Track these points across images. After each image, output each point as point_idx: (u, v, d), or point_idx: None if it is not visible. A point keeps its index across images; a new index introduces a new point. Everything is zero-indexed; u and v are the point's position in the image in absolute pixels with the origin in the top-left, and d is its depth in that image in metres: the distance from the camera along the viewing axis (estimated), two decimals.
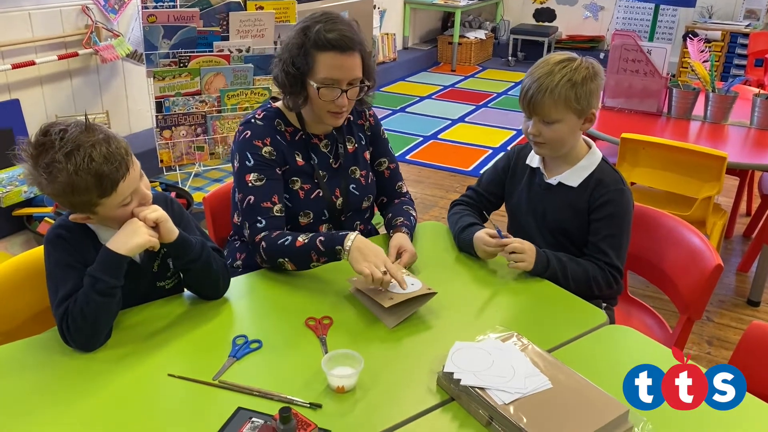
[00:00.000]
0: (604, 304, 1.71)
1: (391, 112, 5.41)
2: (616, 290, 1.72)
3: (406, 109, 5.51)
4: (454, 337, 1.28)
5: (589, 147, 1.70)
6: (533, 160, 1.75)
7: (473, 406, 1.13)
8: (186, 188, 3.53)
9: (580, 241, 1.70)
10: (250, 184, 1.60)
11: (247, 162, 1.61)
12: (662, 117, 3.01)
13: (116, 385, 1.20)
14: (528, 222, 1.75)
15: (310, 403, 1.15)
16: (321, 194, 1.70)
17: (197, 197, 3.43)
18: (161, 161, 3.42)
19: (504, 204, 1.87)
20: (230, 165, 1.75)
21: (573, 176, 1.67)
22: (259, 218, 1.58)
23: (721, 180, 2.40)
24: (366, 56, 1.60)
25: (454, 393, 1.18)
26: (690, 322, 1.70)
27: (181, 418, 1.14)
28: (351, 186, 1.75)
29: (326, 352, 1.28)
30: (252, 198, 1.59)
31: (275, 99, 1.72)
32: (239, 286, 1.53)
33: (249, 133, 1.63)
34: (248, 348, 1.30)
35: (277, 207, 1.60)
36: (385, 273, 1.40)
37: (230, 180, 1.73)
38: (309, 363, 1.25)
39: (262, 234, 1.57)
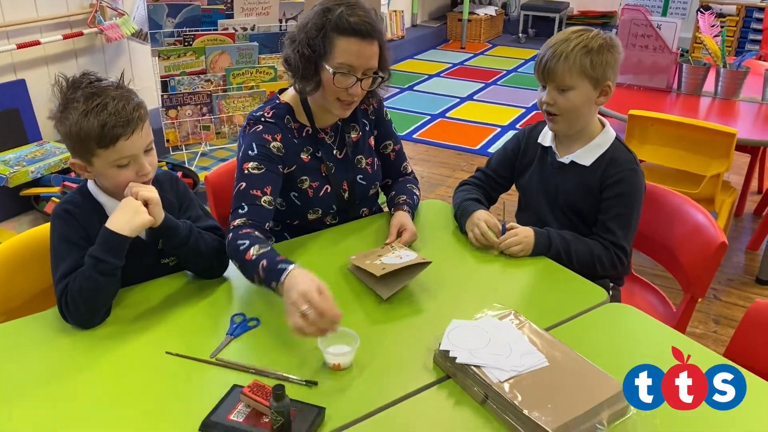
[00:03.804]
0: (611, 284, 1.70)
1: (399, 90, 5.37)
2: (621, 271, 1.70)
3: (414, 88, 5.46)
4: (452, 315, 1.27)
5: (603, 125, 1.68)
6: (545, 138, 1.73)
7: (469, 384, 1.13)
8: (192, 168, 3.53)
9: (592, 221, 1.68)
10: (246, 171, 1.54)
11: (250, 152, 1.56)
12: (672, 93, 2.96)
13: (114, 362, 1.21)
14: (539, 201, 1.74)
15: (306, 381, 1.16)
16: (329, 190, 1.67)
17: (204, 176, 3.43)
18: (167, 141, 3.43)
19: (514, 185, 1.85)
20: (236, 144, 1.73)
21: (586, 155, 1.65)
22: (243, 204, 1.50)
23: (729, 157, 2.37)
24: (384, 47, 1.56)
25: (450, 371, 1.18)
26: (693, 301, 1.69)
27: (177, 395, 1.15)
28: (358, 177, 1.72)
29: None
30: (243, 184, 1.52)
31: (281, 91, 1.69)
32: None
33: (261, 127, 1.59)
34: (246, 326, 1.31)
35: (266, 198, 1.52)
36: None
37: (235, 159, 1.71)
38: (305, 341, 1.24)
39: (237, 222, 1.47)
